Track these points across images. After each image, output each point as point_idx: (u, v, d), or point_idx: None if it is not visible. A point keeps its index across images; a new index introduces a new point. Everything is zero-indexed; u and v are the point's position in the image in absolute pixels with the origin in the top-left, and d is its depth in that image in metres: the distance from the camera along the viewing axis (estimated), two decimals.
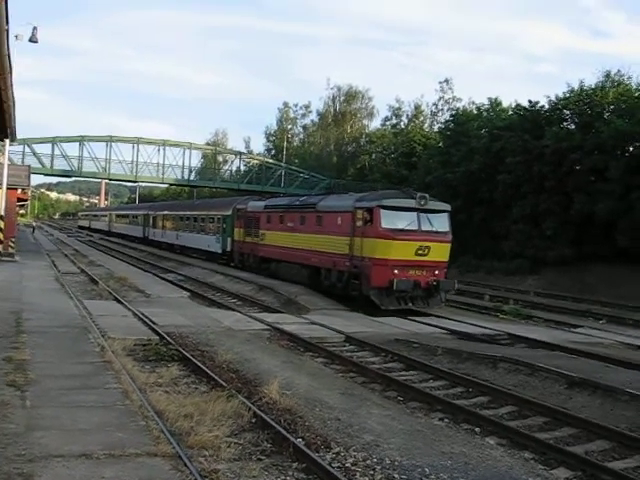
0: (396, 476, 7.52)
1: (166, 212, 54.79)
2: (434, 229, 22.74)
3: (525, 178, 43.18)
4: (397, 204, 22.58)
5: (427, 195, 23.15)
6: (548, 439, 9.92)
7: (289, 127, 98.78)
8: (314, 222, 26.53)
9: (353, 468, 7.74)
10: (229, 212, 38.03)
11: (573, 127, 43.89)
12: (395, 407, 11.01)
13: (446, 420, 10.72)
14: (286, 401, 9.97)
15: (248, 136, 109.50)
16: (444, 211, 23.65)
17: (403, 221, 22.29)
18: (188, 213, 48.15)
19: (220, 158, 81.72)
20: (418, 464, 7.88)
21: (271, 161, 74.65)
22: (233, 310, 21.49)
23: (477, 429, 10.30)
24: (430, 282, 22.17)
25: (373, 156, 74.18)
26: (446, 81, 76.13)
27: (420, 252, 21.99)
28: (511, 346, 17.55)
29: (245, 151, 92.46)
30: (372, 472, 7.62)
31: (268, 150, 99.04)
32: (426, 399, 11.82)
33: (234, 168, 72.29)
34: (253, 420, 9.22)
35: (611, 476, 8.47)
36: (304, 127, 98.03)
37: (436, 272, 22.50)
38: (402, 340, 16.97)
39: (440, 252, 22.69)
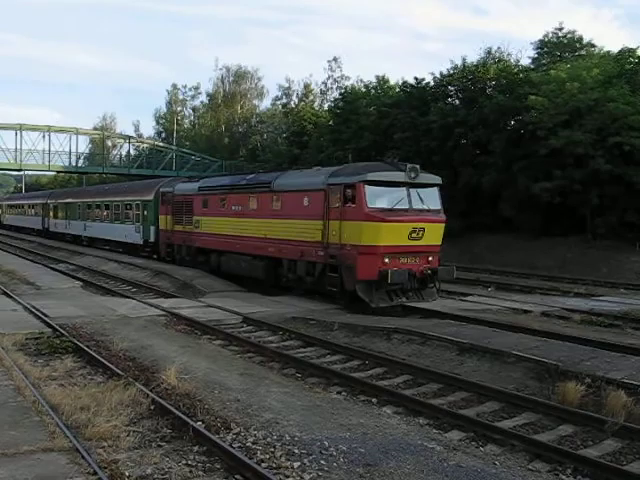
0: (296, 451, 7.67)
1: (70, 200, 48.78)
2: (426, 207, 19.32)
3: (413, 153, 44.14)
4: (384, 178, 18.81)
5: (418, 166, 19.38)
6: (442, 404, 10.39)
7: (179, 109, 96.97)
8: (269, 204, 22.20)
9: (254, 447, 7.83)
10: (151, 197, 33.12)
11: (458, 103, 45.17)
12: (294, 384, 11.19)
13: (344, 393, 11.01)
14: (185, 386, 9.96)
15: (137, 120, 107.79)
16: (435, 185, 20.04)
17: (392, 199, 18.76)
18: (98, 200, 42.78)
19: (109, 143, 79.74)
20: (317, 438, 8.07)
21: (161, 144, 73.41)
22: (128, 297, 21.16)
23: (374, 400, 10.64)
24: (425, 271, 18.75)
25: (264, 136, 74.15)
26: (335, 60, 76.60)
27: (414, 235, 18.54)
28: (404, 317, 18.05)
29: (135, 135, 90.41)
30: (272, 449, 7.74)
31: (158, 133, 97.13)
32: (324, 374, 12.08)
33: (124, 153, 70.70)
34: (152, 407, 9.19)
35: (501, 435, 8.94)
36: (194, 109, 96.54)
37: (430, 259, 19.08)
38: (299, 318, 17.21)
39: (434, 234, 19.28)
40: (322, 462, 7.37)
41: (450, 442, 8.42)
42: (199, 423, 8.54)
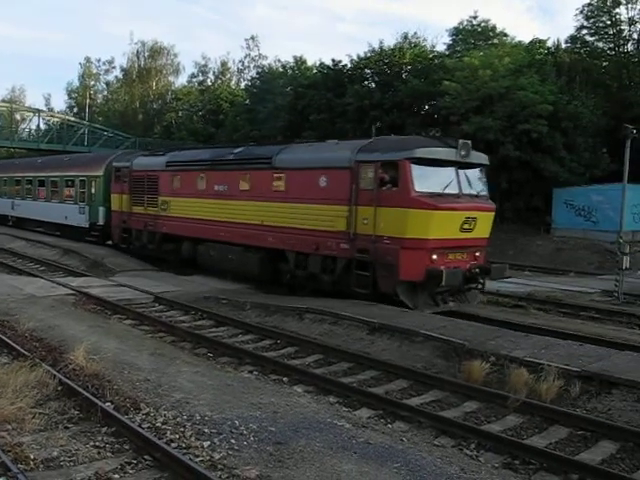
0: (206, 431, 7.66)
1: None
2: (475, 192, 16.35)
3: (329, 135, 44.36)
4: (434, 156, 15.41)
5: (470, 142, 16.24)
6: (351, 383, 10.55)
7: (92, 83, 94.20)
8: (269, 184, 18.31)
9: (164, 427, 7.76)
10: (100, 172, 28.61)
11: (374, 86, 45.60)
12: (205, 364, 11.16)
13: (255, 372, 11.05)
14: (93, 366, 9.76)
15: (48, 93, 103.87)
16: (481, 165, 16.81)
17: (441, 181, 15.49)
18: (30, 175, 37.57)
19: (18, 116, 76.65)
20: (228, 417, 8.07)
21: (73, 119, 71.05)
22: (36, 276, 20.60)
23: (285, 379, 10.73)
24: (472, 269, 15.81)
25: (180, 114, 72.89)
26: (252, 38, 76.11)
27: (466, 227, 15.54)
28: (316, 298, 18.08)
29: (45, 109, 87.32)
30: (182, 429, 7.69)
31: (70, 108, 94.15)
32: (236, 354, 12.11)
33: (33, 127, 68.10)
34: (59, 388, 8.97)
35: (409, 412, 9.18)
36: (107, 84, 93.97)
37: (477, 254, 16.21)
38: (211, 297, 17.15)
39: (485, 225, 16.44)
40: (232, 441, 7.38)
41: (359, 420, 8.57)
42: (108, 404, 8.40)
